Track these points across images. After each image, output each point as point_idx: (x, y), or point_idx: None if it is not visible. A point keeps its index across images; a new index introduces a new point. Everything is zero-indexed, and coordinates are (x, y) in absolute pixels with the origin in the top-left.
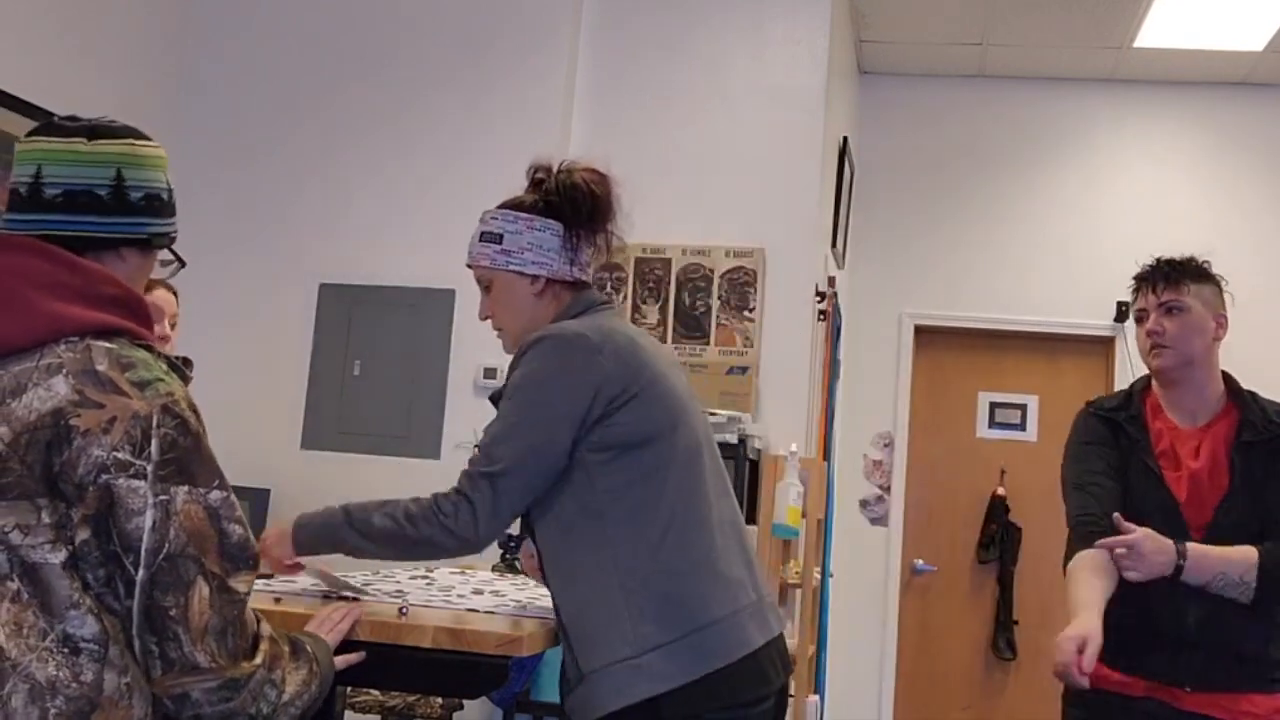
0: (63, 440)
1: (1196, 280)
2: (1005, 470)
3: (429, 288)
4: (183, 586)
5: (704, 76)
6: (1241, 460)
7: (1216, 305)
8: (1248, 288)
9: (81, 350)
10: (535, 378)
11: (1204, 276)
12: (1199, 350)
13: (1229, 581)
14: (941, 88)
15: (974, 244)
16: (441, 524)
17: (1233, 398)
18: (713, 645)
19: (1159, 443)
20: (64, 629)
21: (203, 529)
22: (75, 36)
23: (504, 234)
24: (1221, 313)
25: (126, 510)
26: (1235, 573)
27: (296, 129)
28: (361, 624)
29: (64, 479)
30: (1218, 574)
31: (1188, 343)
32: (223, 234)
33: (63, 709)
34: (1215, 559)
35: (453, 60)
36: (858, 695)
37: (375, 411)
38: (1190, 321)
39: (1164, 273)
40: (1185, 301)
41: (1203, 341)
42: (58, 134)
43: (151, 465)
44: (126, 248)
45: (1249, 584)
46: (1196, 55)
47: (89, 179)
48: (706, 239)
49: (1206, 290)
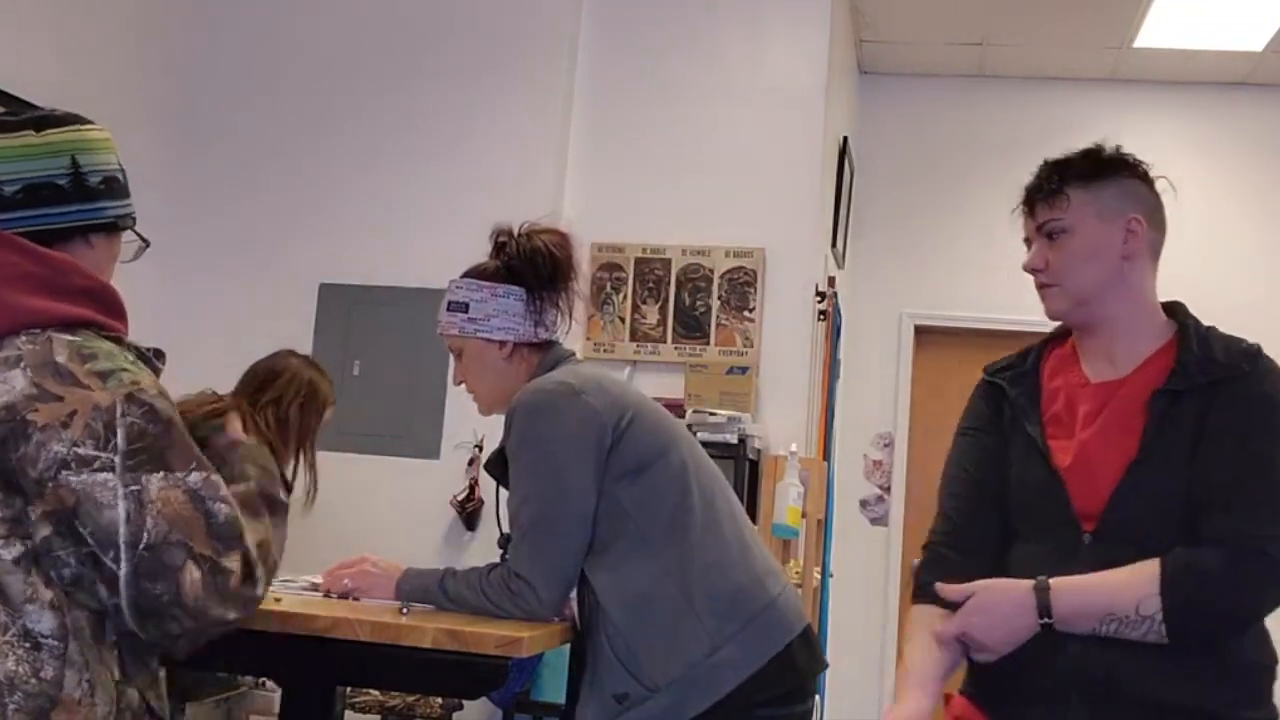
0: (19, 435)
1: (1085, 181)
2: None
3: (429, 288)
4: (170, 573)
5: (704, 76)
6: (1159, 418)
7: (1125, 206)
8: (1248, 289)
9: (42, 342)
10: (535, 442)
11: (1100, 171)
12: (1095, 279)
13: (1125, 622)
14: (941, 88)
15: (974, 244)
16: (514, 603)
17: (1178, 335)
18: (776, 621)
19: (1051, 405)
20: (23, 624)
21: (185, 513)
22: (73, 37)
23: (470, 303)
24: (1134, 215)
25: (96, 505)
26: (1126, 607)
27: (297, 129)
28: (362, 624)
29: (20, 474)
30: (1104, 615)
31: (1075, 275)
32: (223, 234)
33: (21, 705)
34: (1095, 593)
35: (453, 60)
36: (858, 695)
37: (375, 411)
38: (1073, 246)
39: (1040, 184)
40: (1065, 220)
41: (1101, 267)
42: (4, 130)
43: (119, 456)
44: (94, 233)
45: (1152, 619)
46: (1196, 55)
47: (46, 170)
48: (706, 239)
49: (1107, 191)
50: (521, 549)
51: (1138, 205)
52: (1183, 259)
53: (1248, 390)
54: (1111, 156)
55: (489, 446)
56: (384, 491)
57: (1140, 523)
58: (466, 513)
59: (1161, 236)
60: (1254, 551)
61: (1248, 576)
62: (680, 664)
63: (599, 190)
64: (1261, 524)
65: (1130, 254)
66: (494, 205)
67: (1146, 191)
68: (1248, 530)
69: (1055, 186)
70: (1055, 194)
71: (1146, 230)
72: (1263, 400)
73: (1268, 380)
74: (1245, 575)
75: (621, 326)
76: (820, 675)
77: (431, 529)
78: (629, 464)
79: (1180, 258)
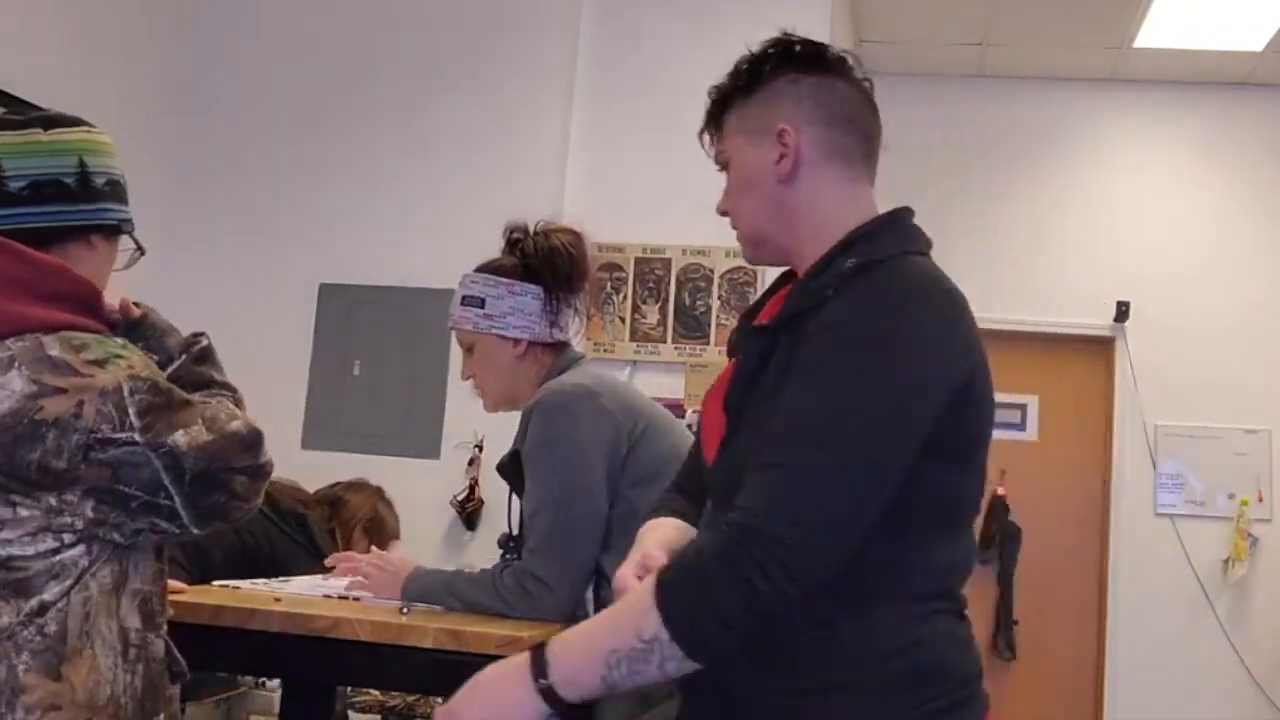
0: (31, 437)
1: (742, 100)
2: (1005, 470)
3: (429, 288)
4: (221, 487)
5: (704, 76)
6: (749, 365)
7: (772, 117)
8: (1248, 289)
9: (32, 339)
10: (554, 443)
11: (751, 85)
12: (756, 214)
13: (632, 655)
14: (941, 88)
15: (974, 243)
16: (529, 604)
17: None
18: None
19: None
20: (39, 600)
21: (215, 446)
22: (74, 38)
23: (486, 298)
24: (782, 125)
25: (134, 466)
26: (627, 637)
27: (297, 129)
28: (362, 624)
29: (44, 471)
30: (608, 656)
31: (739, 213)
32: (223, 234)
33: (30, 664)
34: (594, 632)
35: (453, 60)
36: None
37: (375, 411)
38: (732, 180)
39: (706, 112)
40: (725, 151)
41: (760, 198)
42: (11, 128)
43: (137, 432)
44: (96, 235)
45: (656, 640)
46: (1196, 55)
47: (53, 168)
48: (706, 239)
49: (753, 107)
50: (538, 550)
51: (791, 108)
52: (1182, 258)
53: (820, 321)
54: (760, 57)
55: (489, 446)
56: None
57: (734, 496)
58: (466, 513)
59: (847, 131)
60: (749, 530)
61: (736, 562)
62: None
63: (599, 190)
64: (766, 494)
65: (786, 174)
66: (494, 205)
67: (810, 86)
68: (748, 505)
69: (714, 112)
70: (713, 122)
71: (809, 135)
72: (824, 331)
73: (850, 304)
74: (734, 561)
75: (621, 326)
76: None
77: (431, 529)
78: (643, 471)
79: (1179, 257)
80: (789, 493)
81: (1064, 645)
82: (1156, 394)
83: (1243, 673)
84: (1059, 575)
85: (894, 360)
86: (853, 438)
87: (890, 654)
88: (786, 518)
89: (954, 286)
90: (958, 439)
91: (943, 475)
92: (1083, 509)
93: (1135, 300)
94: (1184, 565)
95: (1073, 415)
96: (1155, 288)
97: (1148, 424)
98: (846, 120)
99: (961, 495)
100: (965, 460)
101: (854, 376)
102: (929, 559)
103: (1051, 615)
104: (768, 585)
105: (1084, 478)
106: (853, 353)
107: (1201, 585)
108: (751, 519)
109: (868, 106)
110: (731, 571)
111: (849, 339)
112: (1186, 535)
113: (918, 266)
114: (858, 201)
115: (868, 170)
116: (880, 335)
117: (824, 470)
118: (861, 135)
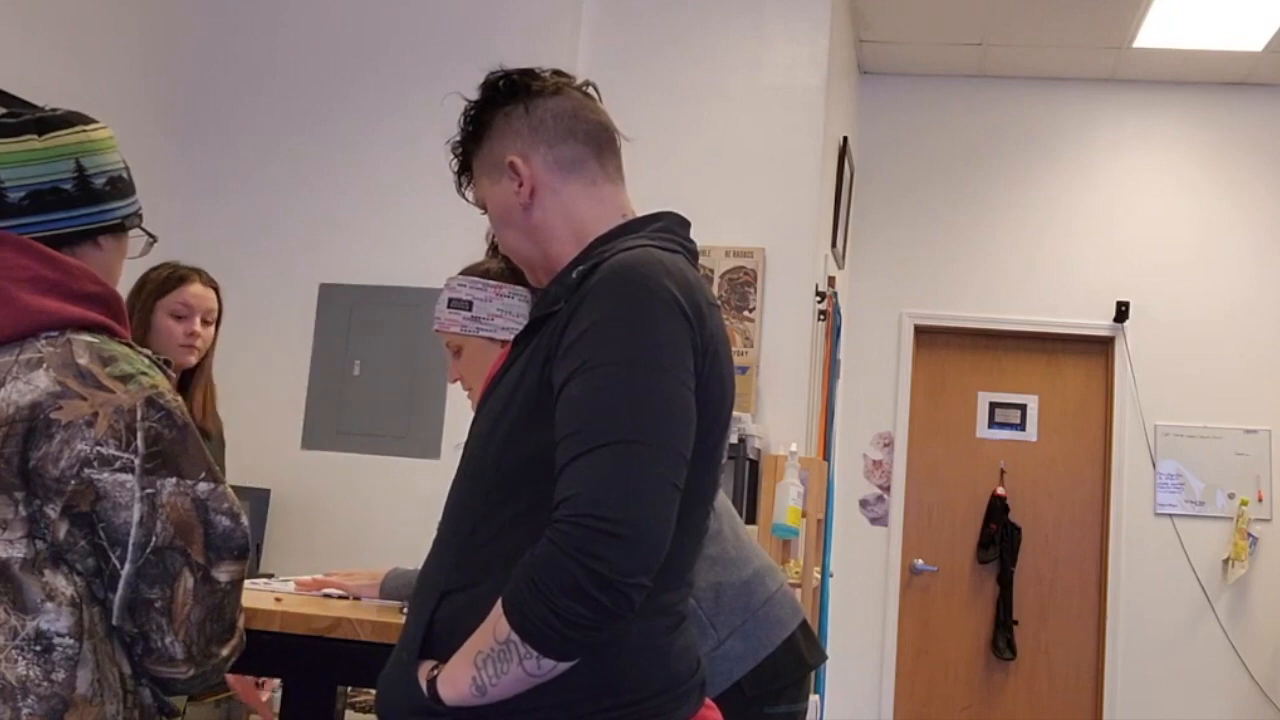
0: (41, 433)
1: (472, 149)
2: (1005, 470)
3: (429, 288)
4: (169, 579)
5: (704, 76)
6: (502, 372)
7: (500, 154)
8: (1248, 289)
9: (62, 344)
10: None
11: (478, 132)
12: (520, 244)
13: (493, 655)
14: (941, 88)
15: (974, 244)
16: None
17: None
18: (776, 615)
19: None
20: (37, 625)
21: (189, 520)
22: (73, 38)
23: (473, 301)
24: (510, 156)
25: (114, 504)
26: (488, 641)
27: (297, 129)
28: (362, 624)
29: (41, 472)
30: (475, 654)
31: (506, 243)
32: (223, 234)
33: (35, 709)
34: (470, 639)
35: (453, 60)
36: (858, 695)
37: (375, 411)
38: (491, 217)
39: (458, 167)
40: (478, 194)
41: (516, 229)
42: (6, 134)
43: (139, 459)
44: (102, 235)
45: (508, 640)
46: (1196, 55)
47: (51, 175)
48: (706, 239)
49: (483, 149)
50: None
51: (513, 139)
52: (1181, 258)
53: (559, 323)
54: (476, 104)
55: None
56: (384, 491)
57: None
58: None
59: (569, 143)
60: (568, 519)
61: (563, 551)
62: None
63: None
64: (577, 484)
65: (528, 200)
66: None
67: (521, 115)
68: (565, 495)
69: (462, 164)
70: (465, 171)
71: (537, 159)
72: (575, 340)
73: (586, 308)
74: (556, 558)
75: None
76: (821, 669)
77: (431, 529)
78: None
79: (1179, 257)
80: (595, 478)
81: (1064, 645)
82: (1156, 394)
83: (1243, 673)
84: (1059, 575)
85: (640, 344)
86: (635, 419)
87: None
88: (600, 501)
89: (667, 260)
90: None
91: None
92: (1082, 509)
93: (1135, 300)
94: (1184, 565)
95: (1072, 415)
96: (1155, 288)
97: (1147, 424)
98: (565, 133)
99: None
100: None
101: (614, 367)
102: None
103: (1051, 615)
104: (587, 570)
105: (1084, 478)
106: (601, 346)
107: (1201, 585)
108: (570, 508)
109: (585, 109)
110: (558, 562)
111: (595, 335)
112: (1186, 535)
113: (631, 255)
114: (603, 204)
115: (606, 170)
116: (621, 322)
117: (619, 450)
118: (585, 140)
